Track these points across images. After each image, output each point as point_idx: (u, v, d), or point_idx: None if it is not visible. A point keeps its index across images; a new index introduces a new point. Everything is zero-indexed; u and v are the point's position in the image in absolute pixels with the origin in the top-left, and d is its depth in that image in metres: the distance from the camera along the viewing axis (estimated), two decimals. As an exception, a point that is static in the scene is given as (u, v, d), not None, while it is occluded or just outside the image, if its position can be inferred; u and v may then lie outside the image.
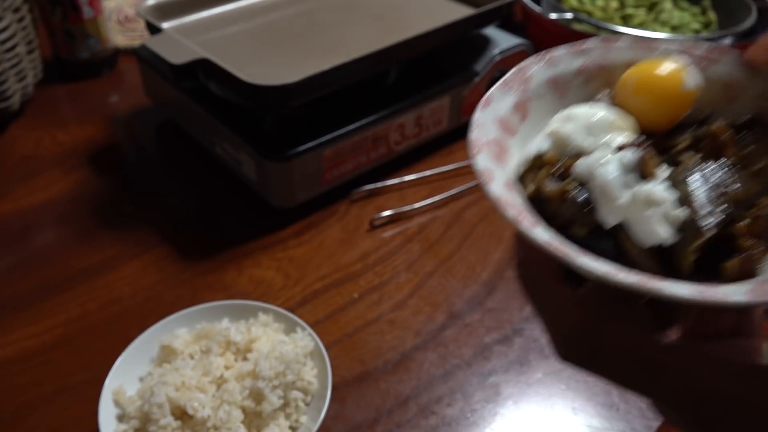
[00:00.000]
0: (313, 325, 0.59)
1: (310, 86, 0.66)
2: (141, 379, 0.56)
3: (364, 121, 0.73)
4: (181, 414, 0.52)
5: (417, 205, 0.76)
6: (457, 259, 0.70)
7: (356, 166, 0.76)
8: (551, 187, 0.30)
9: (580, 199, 0.30)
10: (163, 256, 0.70)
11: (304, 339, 0.57)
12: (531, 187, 0.31)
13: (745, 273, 0.28)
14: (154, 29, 0.77)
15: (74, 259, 0.70)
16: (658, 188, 0.29)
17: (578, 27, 0.91)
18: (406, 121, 0.77)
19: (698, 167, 0.30)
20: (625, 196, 0.29)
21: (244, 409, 0.52)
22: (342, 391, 0.58)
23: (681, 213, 0.28)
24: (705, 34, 0.94)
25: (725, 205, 0.28)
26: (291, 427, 0.53)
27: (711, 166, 0.30)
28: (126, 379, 0.55)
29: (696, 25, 0.97)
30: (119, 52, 1.02)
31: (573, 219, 0.30)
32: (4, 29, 0.81)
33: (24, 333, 0.62)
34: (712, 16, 1.00)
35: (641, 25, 0.96)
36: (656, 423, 0.55)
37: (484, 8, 0.80)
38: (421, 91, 0.78)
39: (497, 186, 0.29)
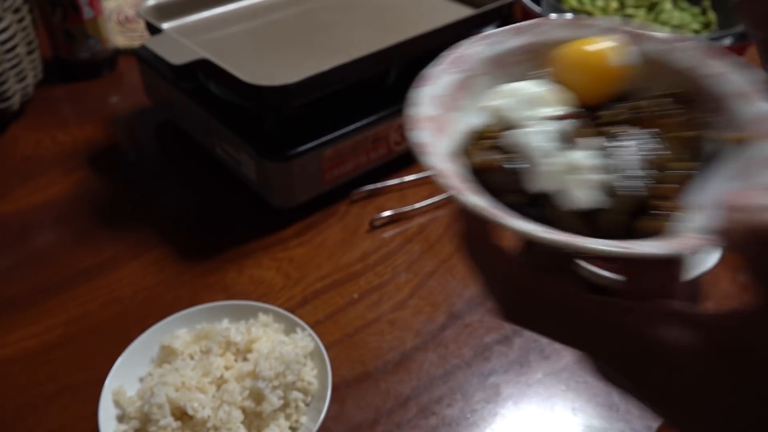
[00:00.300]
0: (313, 326, 0.59)
1: (310, 86, 0.66)
2: (141, 380, 0.56)
3: (364, 122, 0.73)
4: (181, 414, 0.52)
5: (417, 205, 0.76)
6: (457, 260, 0.70)
7: (356, 166, 0.76)
8: (488, 157, 0.32)
9: (515, 167, 0.31)
10: (164, 256, 0.70)
11: (304, 339, 0.57)
12: (469, 159, 0.33)
13: (663, 230, 0.30)
14: (154, 29, 0.77)
15: (74, 259, 0.70)
16: (586, 156, 0.31)
17: (578, 27, 0.91)
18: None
19: (624, 136, 0.32)
20: (555, 164, 0.31)
21: (244, 410, 0.52)
22: (342, 391, 0.58)
23: (607, 178, 0.30)
24: (705, 34, 0.94)
25: (647, 171, 0.30)
26: (291, 428, 0.53)
27: (636, 135, 0.32)
28: (126, 380, 0.55)
29: (696, 26, 0.97)
30: (119, 53, 1.02)
31: (508, 187, 0.32)
32: (4, 29, 0.81)
33: (24, 333, 0.62)
34: (712, 16, 1.00)
35: (641, 26, 0.96)
36: (656, 423, 0.55)
37: (484, 8, 0.81)
38: (421, 92, 0.78)
39: (434, 158, 0.31)
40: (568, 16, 0.38)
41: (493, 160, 0.32)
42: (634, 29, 0.37)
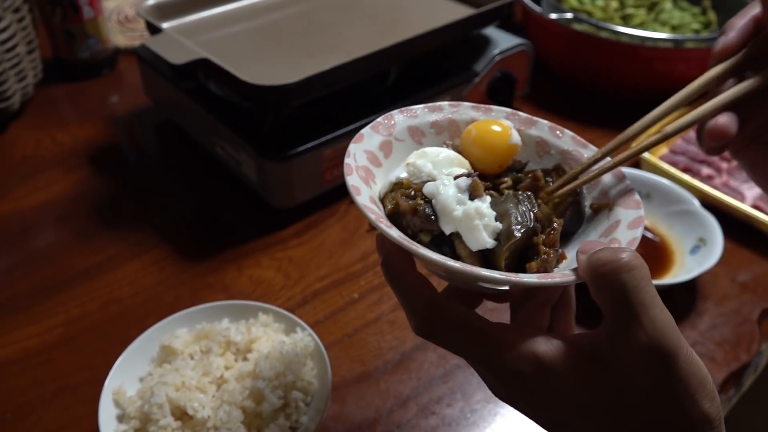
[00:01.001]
0: (313, 325, 0.59)
1: (310, 86, 0.66)
2: (141, 379, 0.56)
3: (364, 121, 0.73)
4: (181, 414, 0.52)
5: (417, 205, 0.76)
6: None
7: (356, 166, 0.76)
8: (405, 203, 0.39)
9: (427, 211, 0.38)
10: (164, 256, 0.70)
11: (304, 339, 0.57)
12: (390, 203, 0.40)
13: (542, 271, 0.37)
14: (154, 29, 0.77)
15: (74, 259, 0.70)
16: (484, 205, 0.38)
17: (578, 27, 0.91)
18: (406, 121, 0.77)
19: (513, 195, 0.40)
20: (459, 210, 0.38)
21: (244, 410, 0.52)
22: (342, 391, 0.58)
23: (498, 225, 0.38)
24: (705, 34, 0.94)
25: (529, 221, 0.38)
26: (291, 427, 0.53)
27: (521, 195, 0.40)
28: (126, 379, 0.55)
29: (696, 25, 0.97)
30: (119, 52, 1.02)
31: (421, 228, 0.39)
32: (4, 29, 0.81)
33: (24, 333, 0.62)
34: (712, 16, 1.00)
35: (641, 25, 0.96)
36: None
37: (484, 8, 0.80)
38: (421, 91, 0.78)
39: (363, 198, 0.37)
40: (469, 104, 0.46)
41: (414, 205, 0.39)
42: (525, 117, 0.45)
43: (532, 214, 0.39)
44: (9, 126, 0.89)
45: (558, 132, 0.45)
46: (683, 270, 0.67)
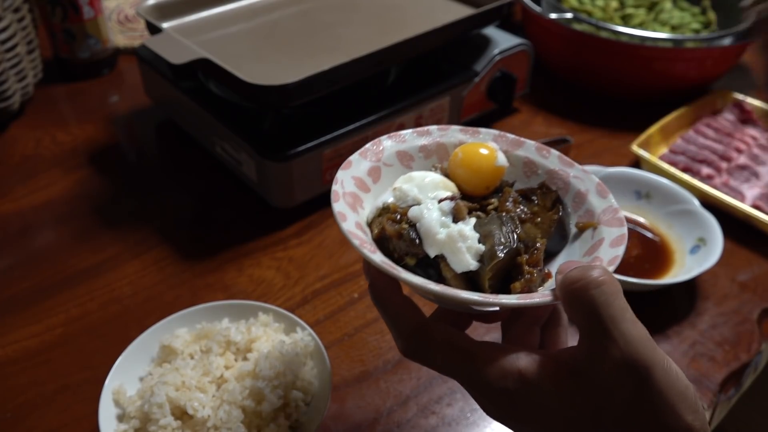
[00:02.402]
0: (313, 325, 0.59)
1: (310, 86, 0.66)
2: (141, 379, 0.56)
3: (364, 121, 0.73)
4: (181, 414, 0.52)
5: (417, 205, 0.76)
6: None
7: (356, 166, 0.76)
8: (391, 227, 0.40)
9: (412, 235, 0.39)
10: (164, 256, 0.70)
11: (304, 339, 0.57)
12: (377, 228, 0.41)
13: (526, 291, 0.38)
14: (154, 29, 0.77)
15: (74, 259, 0.70)
16: (467, 228, 0.39)
17: (578, 27, 0.91)
18: (406, 120, 0.77)
19: (497, 216, 0.40)
20: (443, 233, 0.39)
21: (244, 409, 0.52)
22: (342, 391, 0.58)
23: (481, 246, 0.38)
24: (705, 34, 0.94)
25: (512, 242, 0.39)
26: (291, 427, 0.53)
27: (505, 216, 0.40)
28: (126, 379, 0.55)
29: (696, 25, 0.97)
30: (119, 52, 1.02)
31: (406, 252, 0.40)
32: (4, 29, 0.81)
33: (24, 333, 0.62)
34: (711, 16, 1.00)
35: (641, 25, 0.96)
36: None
37: (484, 8, 0.81)
38: (421, 91, 0.78)
39: (349, 224, 0.38)
40: (457, 127, 0.47)
41: (399, 229, 0.39)
42: (511, 140, 0.47)
43: (515, 234, 0.39)
44: (9, 126, 0.89)
45: (545, 152, 0.46)
46: (683, 270, 0.67)
